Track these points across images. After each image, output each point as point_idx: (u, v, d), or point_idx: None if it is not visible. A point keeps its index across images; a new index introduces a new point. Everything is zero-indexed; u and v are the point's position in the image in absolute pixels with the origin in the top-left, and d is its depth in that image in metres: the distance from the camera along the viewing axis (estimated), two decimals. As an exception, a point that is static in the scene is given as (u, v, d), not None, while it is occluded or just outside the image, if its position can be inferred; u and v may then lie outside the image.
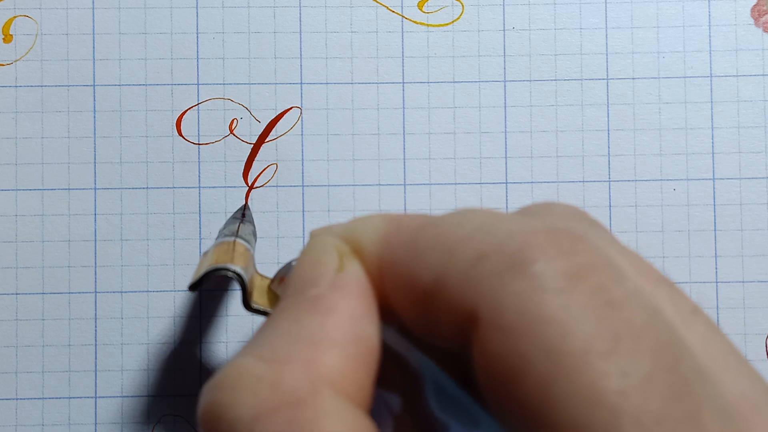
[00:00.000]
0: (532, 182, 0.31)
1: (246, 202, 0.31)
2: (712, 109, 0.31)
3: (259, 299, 0.24)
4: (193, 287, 0.25)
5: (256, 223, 0.30)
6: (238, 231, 0.28)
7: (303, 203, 0.31)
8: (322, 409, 0.15)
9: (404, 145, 0.31)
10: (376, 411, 0.18)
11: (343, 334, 0.17)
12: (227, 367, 0.17)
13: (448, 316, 0.16)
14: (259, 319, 0.29)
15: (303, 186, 0.31)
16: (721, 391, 0.15)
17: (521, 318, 0.15)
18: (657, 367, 0.14)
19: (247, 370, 0.16)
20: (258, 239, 0.31)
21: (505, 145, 0.31)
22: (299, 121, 0.31)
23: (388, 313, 0.18)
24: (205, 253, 0.26)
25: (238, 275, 0.24)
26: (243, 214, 0.30)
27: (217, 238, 0.28)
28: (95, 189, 0.31)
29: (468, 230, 0.16)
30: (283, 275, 0.24)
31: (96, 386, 0.30)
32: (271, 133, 0.31)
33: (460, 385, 0.17)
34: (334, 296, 0.17)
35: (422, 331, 0.17)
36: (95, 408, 0.30)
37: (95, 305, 0.30)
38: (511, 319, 0.15)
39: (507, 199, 0.31)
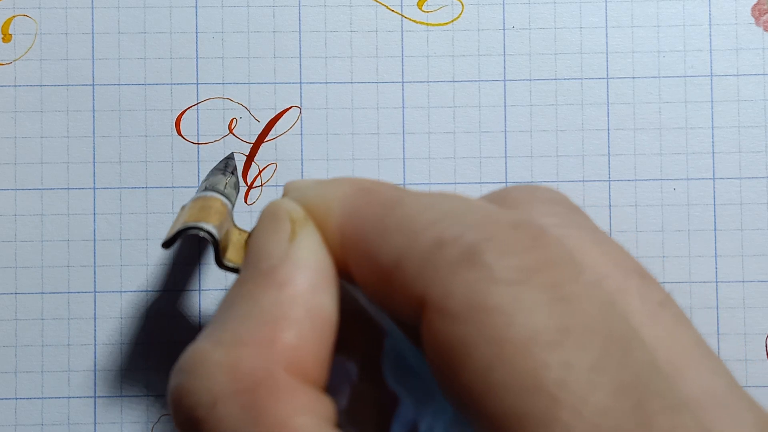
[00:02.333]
0: (532, 182, 0.31)
1: (231, 153, 0.30)
2: (712, 108, 0.31)
3: (235, 256, 0.24)
4: (166, 245, 0.24)
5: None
6: (220, 184, 0.27)
7: (302, 203, 0.31)
8: (277, 392, 0.16)
9: (404, 144, 0.31)
10: (334, 380, 0.18)
11: (298, 309, 0.17)
12: (188, 352, 0.17)
13: (402, 297, 0.16)
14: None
15: (302, 186, 0.31)
16: (680, 384, 0.15)
17: (467, 306, 0.15)
18: (604, 360, 0.14)
19: (205, 355, 0.16)
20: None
21: (505, 144, 0.31)
22: (299, 121, 0.31)
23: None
24: (182, 208, 0.26)
25: (210, 234, 0.23)
26: (226, 164, 0.29)
27: (197, 191, 0.27)
28: (94, 189, 0.31)
29: (433, 215, 0.16)
30: None
31: (95, 386, 0.30)
32: (270, 133, 0.31)
33: (422, 354, 0.18)
34: (287, 268, 0.17)
35: (381, 304, 0.17)
36: (94, 408, 0.30)
37: (94, 305, 0.30)
38: (457, 306, 0.15)
39: (507, 199, 0.31)
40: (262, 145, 0.31)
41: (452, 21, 0.31)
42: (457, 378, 0.15)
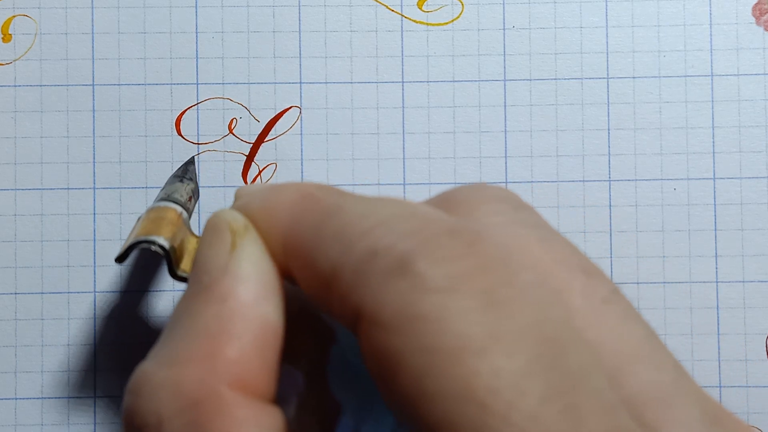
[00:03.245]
0: (532, 182, 0.31)
1: (192, 157, 0.30)
2: (712, 108, 0.31)
3: (191, 265, 0.24)
4: (119, 259, 0.24)
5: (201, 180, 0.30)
6: (177, 192, 0.27)
7: (302, 203, 0.31)
8: (220, 408, 0.16)
9: (404, 144, 0.31)
10: (282, 389, 0.18)
11: (239, 322, 0.17)
12: (135, 373, 0.17)
13: (339, 307, 0.16)
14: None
15: (302, 185, 0.31)
16: (622, 383, 0.15)
17: (398, 316, 0.15)
18: (534, 365, 0.14)
19: (149, 375, 0.16)
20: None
21: (505, 144, 0.31)
22: (299, 121, 0.31)
23: None
24: (138, 220, 0.26)
25: (162, 247, 0.23)
26: (185, 170, 0.29)
27: (154, 200, 0.27)
28: (94, 188, 0.31)
29: (369, 224, 0.16)
30: None
31: (95, 386, 0.30)
32: (270, 133, 0.31)
33: None
34: (226, 281, 0.17)
35: (324, 311, 0.17)
36: (94, 408, 0.30)
37: (94, 305, 0.30)
38: (388, 316, 0.15)
39: (507, 199, 0.31)
40: (262, 145, 0.31)
41: (452, 21, 0.31)
42: (393, 386, 0.15)
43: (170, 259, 0.23)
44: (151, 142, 0.31)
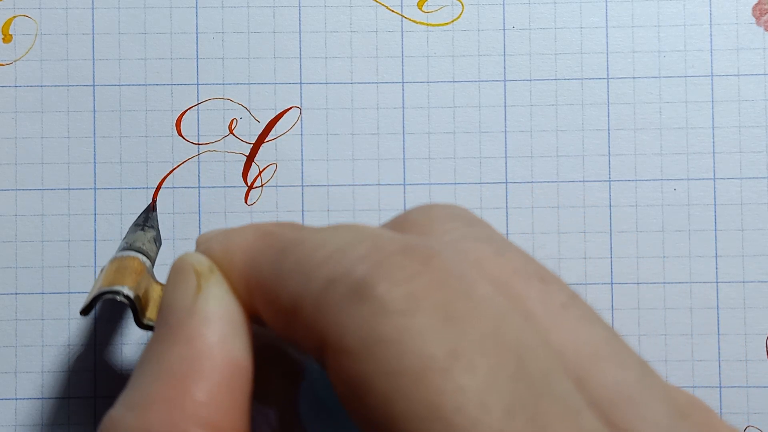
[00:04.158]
0: (532, 182, 0.31)
1: (151, 203, 0.30)
2: (713, 108, 0.31)
3: (156, 313, 0.24)
4: (84, 312, 0.24)
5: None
6: (138, 241, 0.27)
7: (302, 203, 0.31)
8: None
9: (404, 144, 0.31)
10: (255, 427, 0.18)
11: (206, 363, 0.16)
12: (104, 418, 0.17)
13: (304, 339, 0.16)
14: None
15: (302, 186, 0.31)
16: (585, 386, 0.15)
17: (362, 342, 0.15)
18: (497, 378, 0.14)
19: (117, 421, 0.16)
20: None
21: (505, 144, 0.31)
22: (299, 121, 0.31)
23: None
24: (101, 271, 0.26)
25: (128, 297, 0.23)
26: (145, 218, 0.29)
27: (117, 250, 0.27)
28: (95, 189, 0.31)
29: (326, 252, 0.16)
30: None
31: (95, 386, 0.30)
32: (270, 133, 0.31)
33: None
34: (192, 322, 0.17)
35: (291, 344, 0.17)
36: (94, 408, 0.30)
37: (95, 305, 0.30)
38: (352, 343, 0.15)
39: (507, 199, 0.31)
40: (263, 145, 0.31)
41: (452, 21, 0.31)
42: (363, 411, 0.15)
43: (135, 308, 0.23)
44: (152, 143, 0.31)
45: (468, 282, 0.16)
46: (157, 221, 0.30)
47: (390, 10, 0.31)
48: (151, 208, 0.30)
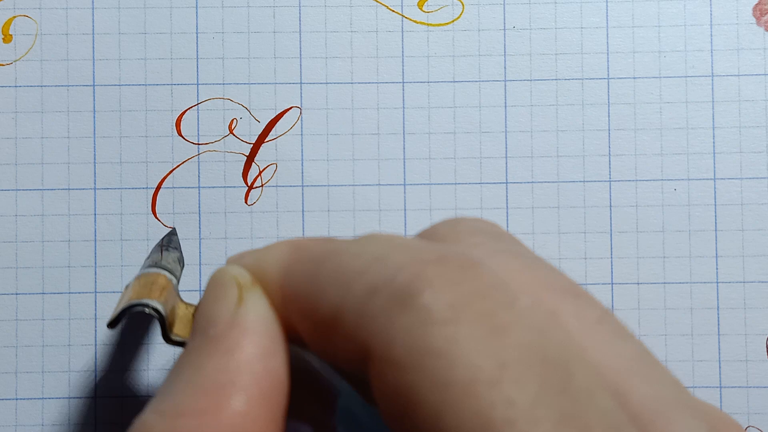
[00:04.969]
0: (532, 182, 0.31)
1: (173, 228, 0.30)
2: (713, 108, 0.31)
3: (183, 330, 0.23)
4: (111, 324, 0.24)
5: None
6: (163, 260, 0.27)
7: (303, 203, 0.31)
8: None
9: (404, 144, 0.31)
10: None
11: (245, 375, 0.16)
12: (134, 424, 0.17)
13: (345, 349, 0.16)
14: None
15: (303, 186, 0.31)
16: (625, 401, 0.15)
17: (410, 352, 0.15)
18: (545, 391, 0.14)
19: (148, 427, 0.16)
20: (258, 240, 0.31)
21: (506, 144, 0.31)
22: (299, 121, 0.31)
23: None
24: (127, 287, 0.26)
25: (156, 310, 0.23)
26: (169, 240, 0.29)
27: (141, 268, 0.27)
28: (95, 189, 0.31)
29: (364, 262, 0.16)
30: None
31: (96, 386, 0.30)
32: (270, 133, 0.31)
33: (374, 411, 0.18)
34: (233, 334, 0.17)
35: (328, 359, 0.17)
36: (95, 408, 0.30)
37: (95, 305, 0.30)
38: (400, 353, 0.15)
39: (507, 199, 0.31)
40: (263, 145, 0.31)
41: (452, 21, 0.31)
42: (409, 425, 0.14)
43: (164, 321, 0.23)
44: (152, 143, 0.31)
45: (508, 292, 0.15)
46: (180, 243, 0.30)
47: (390, 10, 0.31)
48: (174, 232, 0.30)
